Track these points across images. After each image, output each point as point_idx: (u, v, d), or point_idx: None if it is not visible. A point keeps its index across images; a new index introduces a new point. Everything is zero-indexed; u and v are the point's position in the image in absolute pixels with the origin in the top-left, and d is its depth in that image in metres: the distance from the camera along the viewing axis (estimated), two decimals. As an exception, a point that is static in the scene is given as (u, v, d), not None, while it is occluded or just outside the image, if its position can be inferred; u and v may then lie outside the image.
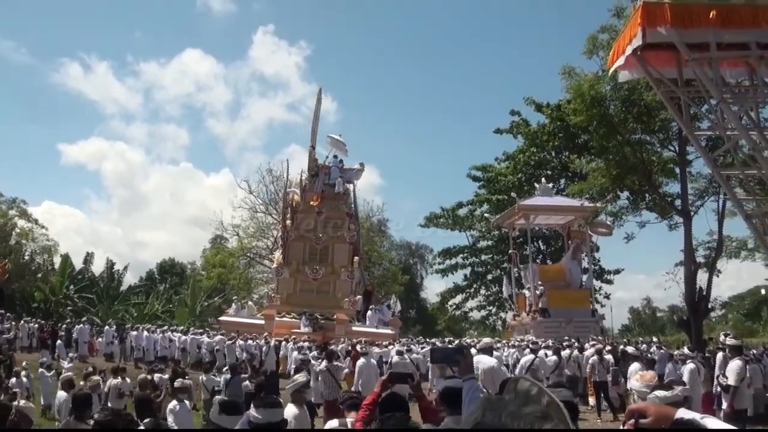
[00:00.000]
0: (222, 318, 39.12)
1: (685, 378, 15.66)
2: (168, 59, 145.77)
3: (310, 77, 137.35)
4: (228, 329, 33.90)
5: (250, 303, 44.21)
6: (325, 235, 40.43)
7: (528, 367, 21.51)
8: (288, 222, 42.66)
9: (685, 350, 19.38)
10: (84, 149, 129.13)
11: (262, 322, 36.21)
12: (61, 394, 13.59)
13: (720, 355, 15.17)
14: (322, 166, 43.14)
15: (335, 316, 36.07)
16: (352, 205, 44.65)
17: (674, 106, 15.28)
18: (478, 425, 1.42)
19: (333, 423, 7.59)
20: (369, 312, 37.31)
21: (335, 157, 43.63)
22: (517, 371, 21.01)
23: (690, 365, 16.09)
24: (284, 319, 36.50)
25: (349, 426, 6.70)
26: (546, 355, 22.15)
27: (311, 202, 41.07)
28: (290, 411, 9.41)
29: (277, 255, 43.89)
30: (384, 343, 28.56)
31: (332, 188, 42.11)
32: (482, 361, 12.18)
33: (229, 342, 29.46)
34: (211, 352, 30.66)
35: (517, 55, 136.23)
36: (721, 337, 17.03)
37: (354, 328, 34.97)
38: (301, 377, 9.71)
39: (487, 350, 12.89)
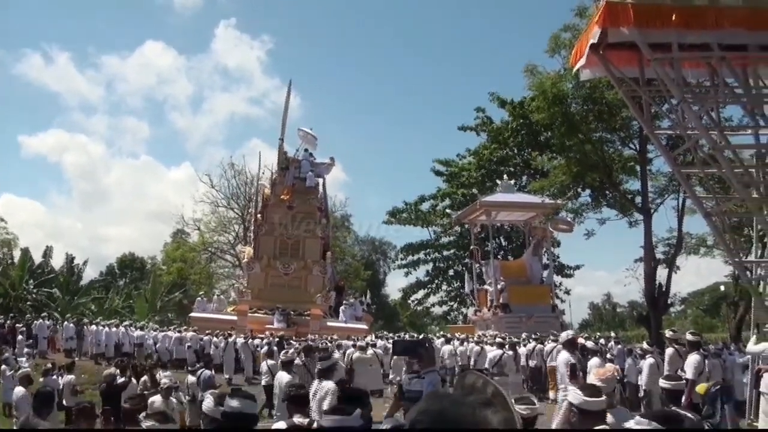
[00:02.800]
0: (193, 314, 38.47)
1: (644, 373, 15.86)
2: (130, 52, 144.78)
3: (273, 71, 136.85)
4: (200, 326, 33.66)
5: (220, 297, 43.90)
6: (296, 229, 39.99)
7: (496, 362, 21.74)
8: (258, 216, 42.38)
9: (644, 345, 19.57)
10: (44, 141, 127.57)
11: (235, 317, 35.83)
12: (19, 390, 13.38)
13: (669, 350, 15.34)
14: (292, 160, 42.59)
15: (309, 312, 35.87)
16: (323, 200, 44.25)
17: (635, 105, 15.40)
18: (421, 413, 1.42)
19: (280, 424, 7.45)
20: (342, 307, 37.10)
21: (306, 150, 43.02)
22: (486, 365, 21.20)
23: (649, 360, 16.29)
24: (257, 314, 36.07)
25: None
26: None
27: (282, 196, 40.58)
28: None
29: (248, 249, 43.61)
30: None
31: (303, 182, 41.60)
32: (559, 359, 12.23)
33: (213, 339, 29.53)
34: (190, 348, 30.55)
35: (482, 51, 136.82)
36: (668, 333, 17.25)
37: (329, 324, 34.88)
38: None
39: (571, 344, 12.86)
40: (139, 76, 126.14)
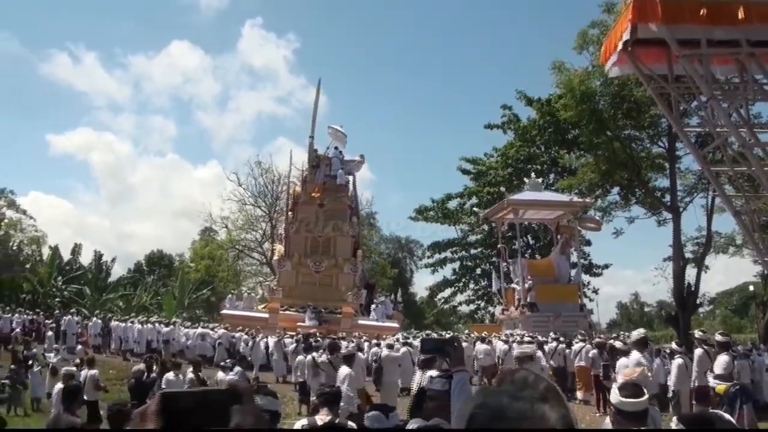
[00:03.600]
0: (224, 312, 38.43)
1: (673, 373, 15.67)
2: (156, 52, 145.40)
3: (299, 70, 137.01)
4: (231, 323, 33.72)
5: (251, 294, 43.90)
6: (326, 227, 39.73)
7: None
8: (289, 214, 42.31)
9: (673, 345, 19.36)
10: (72, 140, 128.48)
11: (266, 315, 35.81)
12: (59, 386, 13.46)
13: (698, 351, 15.18)
14: (322, 158, 42.33)
15: (341, 310, 35.77)
16: (353, 198, 44.10)
17: (664, 102, 15.27)
18: (479, 407, 1.43)
19: (302, 422, 7.45)
20: (373, 305, 37.03)
21: (336, 148, 42.79)
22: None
23: (678, 360, 16.08)
24: (288, 312, 35.95)
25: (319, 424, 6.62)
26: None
27: (312, 194, 40.42)
28: (344, 371, 13.22)
29: (279, 247, 43.44)
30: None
31: (333, 180, 41.43)
32: (633, 359, 12.17)
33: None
34: (213, 346, 30.65)
35: (509, 49, 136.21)
36: (697, 334, 17.07)
37: (360, 322, 34.78)
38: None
39: (641, 343, 12.81)
40: (165, 75, 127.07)
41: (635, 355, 12.36)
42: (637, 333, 13.39)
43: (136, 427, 1.63)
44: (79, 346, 26.75)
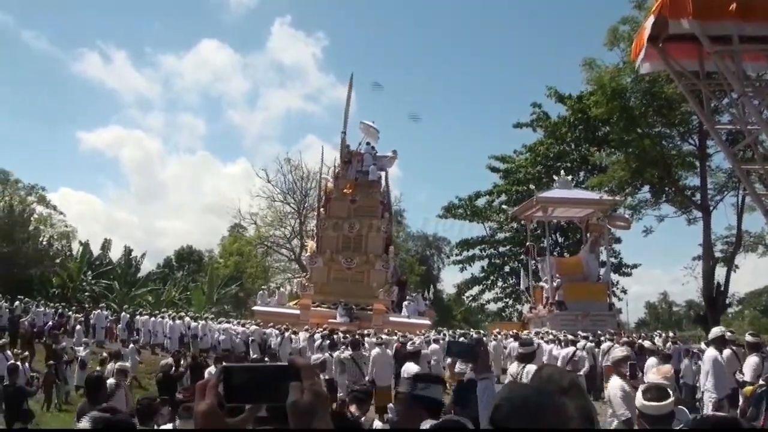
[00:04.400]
0: (256, 308, 38.52)
1: (703, 374, 15.47)
2: (186, 50, 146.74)
3: (328, 68, 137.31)
4: (263, 319, 33.62)
5: (281, 291, 44.00)
6: (358, 223, 39.68)
7: (569, 359, 21.56)
8: (321, 210, 42.40)
9: (702, 345, 19.13)
10: (102, 137, 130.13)
11: (298, 311, 35.71)
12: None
13: (726, 351, 15.02)
14: (354, 153, 42.32)
15: (372, 307, 35.59)
16: (385, 194, 43.84)
17: (695, 99, 15.14)
18: (503, 399, 1.50)
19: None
20: (405, 302, 36.75)
21: (368, 144, 42.67)
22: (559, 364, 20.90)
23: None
24: (319, 309, 35.89)
25: None
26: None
27: (344, 190, 40.43)
28: (411, 368, 13.61)
29: (311, 243, 43.29)
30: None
31: (365, 176, 41.37)
32: (707, 358, 12.15)
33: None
34: (245, 342, 30.76)
35: (538, 46, 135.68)
36: (727, 335, 16.89)
37: (391, 319, 34.43)
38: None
39: (719, 341, 12.74)
40: (195, 73, 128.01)
41: (712, 352, 12.24)
42: (716, 331, 13.26)
43: (196, 400, 1.64)
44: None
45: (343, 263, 38.70)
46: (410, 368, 13.71)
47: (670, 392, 5.33)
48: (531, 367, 12.07)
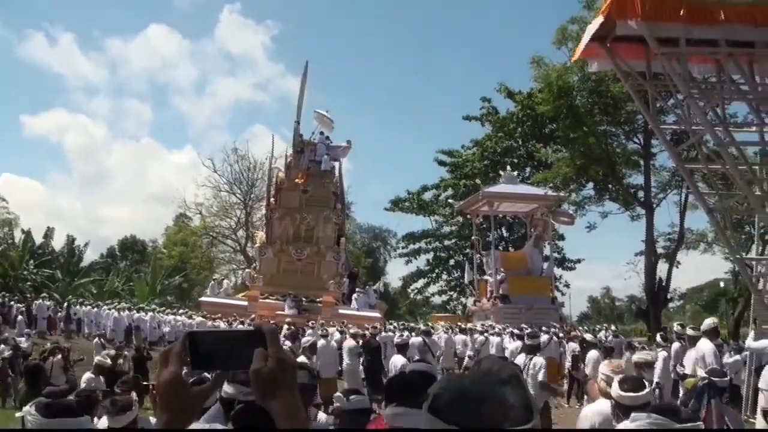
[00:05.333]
0: (203, 299, 37.81)
1: (659, 365, 15.66)
2: (133, 35, 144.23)
3: (277, 57, 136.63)
4: (209, 311, 33.07)
5: (226, 282, 43.46)
6: (310, 214, 38.92)
7: (518, 353, 21.76)
8: (272, 200, 41.63)
9: (658, 338, 19.30)
10: (46, 121, 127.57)
11: (245, 303, 34.90)
12: (88, 376, 13.32)
13: (675, 344, 15.33)
14: (307, 143, 41.32)
15: (321, 299, 35.00)
16: (338, 184, 43.10)
17: (641, 99, 15.40)
18: (442, 389, 1.48)
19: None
20: (355, 294, 36.17)
21: (321, 133, 41.74)
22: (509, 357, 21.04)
23: (662, 353, 16.08)
24: (268, 300, 35.08)
25: None
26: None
27: (296, 180, 39.63)
28: (398, 360, 14.07)
29: (260, 234, 42.80)
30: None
31: (318, 166, 40.52)
32: (701, 348, 12.20)
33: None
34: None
35: (488, 42, 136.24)
36: (675, 327, 17.21)
37: (341, 311, 33.82)
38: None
39: (712, 332, 12.77)
40: (142, 59, 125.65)
41: (707, 344, 12.39)
42: (709, 322, 13.36)
43: (159, 368, 1.62)
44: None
45: (293, 254, 37.97)
46: (397, 360, 13.91)
47: (646, 383, 5.46)
48: (538, 360, 12.25)
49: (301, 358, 13.78)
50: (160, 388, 1.59)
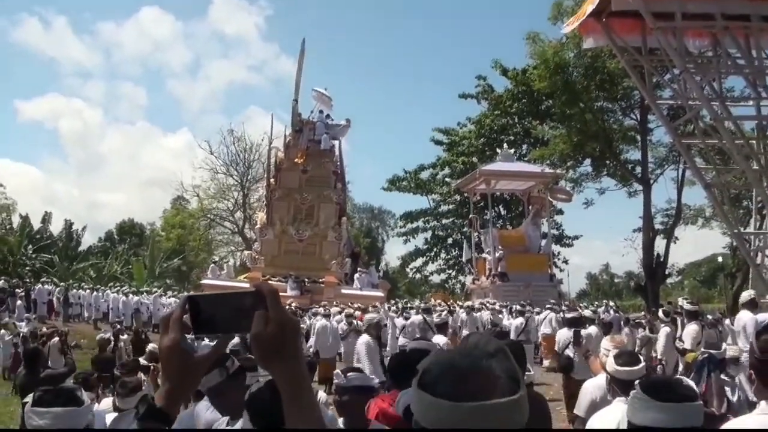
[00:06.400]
0: (204, 281, 37.24)
1: (661, 341, 15.56)
2: (126, 18, 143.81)
3: (271, 38, 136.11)
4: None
5: (228, 264, 43.21)
6: (310, 194, 38.58)
7: (522, 329, 21.84)
8: (272, 180, 41.32)
9: (660, 314, 19.10)
10: (40, 106, 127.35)
11: (247, 285, 34.13)
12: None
13: (680, 320, 15.29)
14: (306, 122, 40.76)
15: (324, 279, 34.91)
16: (338, 163, 42.74)
17: (637, 74, 15.31)
18: (431, 364, 1.50)
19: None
20: (357, 274, 36.13)
21: (321, 112, 41.18)
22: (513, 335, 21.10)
23: (665, 329, 15.95)
24: (270, 282, 34.30)
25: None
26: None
27: (296, 160, 39.23)
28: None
29: (261, 215, 42.41)
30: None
31: (317, 145, 39.92)
32: (742, 319, 12.22)
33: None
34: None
35: (484, 18, 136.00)
36: (680, 302, 17.14)
37: (343, 291, 33.79)
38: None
39: (750, 304, 12.71)
40: (135, 42, 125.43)
41: (747, 315, 12.36)
42: (747, 294, 13.32)
43: (161, 335, 1.59)
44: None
45: (294, 235, 37.65)
46: (439, 340, 13.26)
47: (641, 358, 5.48)
48: (593, 329, 12.57)
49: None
50: (161, 355, 1.58)
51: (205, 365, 1.63)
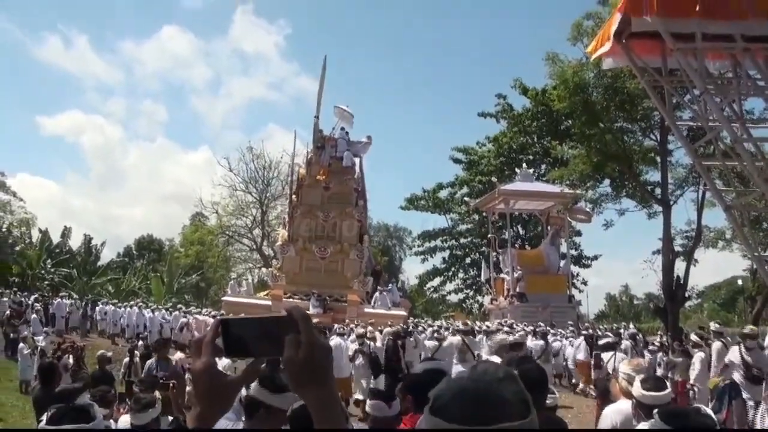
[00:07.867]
0: (225, 298, 37.12)
1: (696, 366, 15.17)
2: (147, 37, 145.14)
3: (290, 56, 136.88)
4: (232, 310, 31.88)
5: (247, 281, 43.27)
6: (332, 211, 38.42)
7: (543, 350, 21.72)
8: (293, 197, 41.25)
9: (693, 337, 18.66)
10: (62, 122, 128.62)
11: (269, 302, 33.94)
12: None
13: (717, 344, 14.95)
14: (328, 139, 40.73)
15: (346, 297, 34.67)
16: (360, 180, 42.14)
17: (657, 95, 15.24)
18: (442, 390, 1.54)
19: None
20: (377, 293, 35.66)
21: (342, 128, 41.08)
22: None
23: (700, 354, 15.53)
24: (292, 299, 34.01)
25: None
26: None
27: (317, 176, 39.18)
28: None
29: (282, 232, 42.22)
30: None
31: (339, 162, 39.90)
32: None
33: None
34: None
35: (504, 38, 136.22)
36: (713, 326, 16.95)
37: (366, 310, 33.34)
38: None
39: None
40: (156, 60, 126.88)
41: None
42: None
43: (193, 358, 1.62)
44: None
45: (316, 252, 37.35)
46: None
47: (668, 383, 5.44)
48: (619, 355, 12.48)
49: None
50: (195, 378, 1.58)
51: (237, 388, 1.64)
